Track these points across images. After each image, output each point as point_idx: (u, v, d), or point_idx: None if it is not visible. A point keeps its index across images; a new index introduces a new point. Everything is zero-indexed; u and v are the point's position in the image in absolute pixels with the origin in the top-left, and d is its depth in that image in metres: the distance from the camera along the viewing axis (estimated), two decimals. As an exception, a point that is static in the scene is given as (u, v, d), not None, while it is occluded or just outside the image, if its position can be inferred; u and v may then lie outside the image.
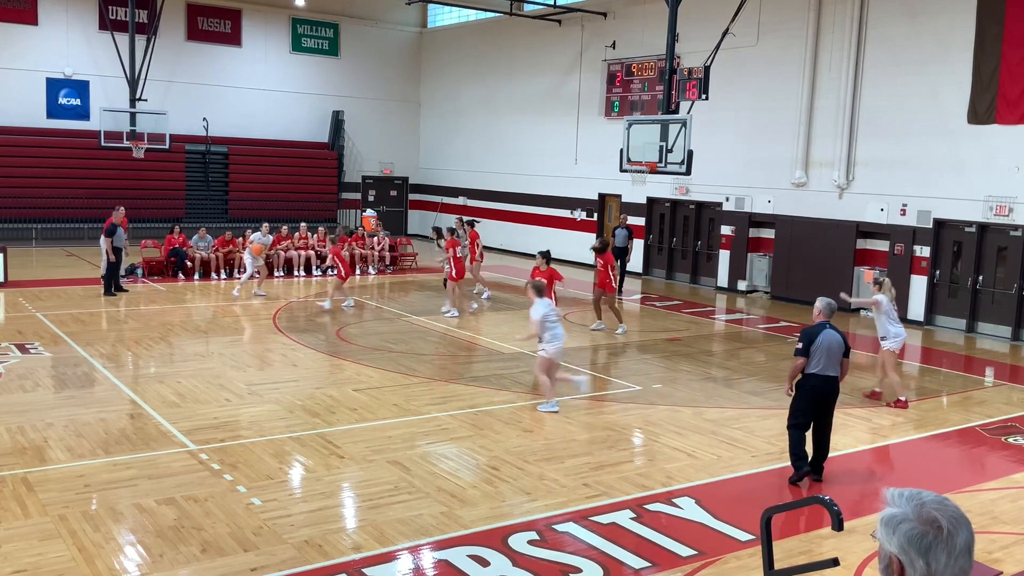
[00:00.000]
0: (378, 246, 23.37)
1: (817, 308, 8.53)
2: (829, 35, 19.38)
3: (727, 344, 15.82)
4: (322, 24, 30.42)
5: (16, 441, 8.68)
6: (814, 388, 8.14)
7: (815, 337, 8.14)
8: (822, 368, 8.11)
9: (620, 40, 24.41)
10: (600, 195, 25.53)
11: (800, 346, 8.17)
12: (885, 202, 18.38)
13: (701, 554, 6.66)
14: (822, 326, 8.25)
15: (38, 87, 26.22)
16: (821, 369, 8.10)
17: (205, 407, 10.12)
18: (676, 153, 16.61)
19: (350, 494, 7.82)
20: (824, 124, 19.54)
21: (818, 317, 8.46)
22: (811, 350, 8.10)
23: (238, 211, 28.42)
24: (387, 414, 10.13)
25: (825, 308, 8.50)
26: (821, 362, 8.09)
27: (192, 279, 20.30)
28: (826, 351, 8.09)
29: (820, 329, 8.19)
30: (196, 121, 27.87)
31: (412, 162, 32.77)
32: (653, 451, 9.22)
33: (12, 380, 10.99)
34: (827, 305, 8.54)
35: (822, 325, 8.27)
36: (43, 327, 14.30)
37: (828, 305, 8.54)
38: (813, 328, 8.25)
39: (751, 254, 21.24)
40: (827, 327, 8.25)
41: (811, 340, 8.13)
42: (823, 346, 8.09)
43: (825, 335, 8.15)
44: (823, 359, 8.10)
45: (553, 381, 10.57)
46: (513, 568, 6.33)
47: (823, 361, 8.10)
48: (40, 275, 19.71)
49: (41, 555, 6.24)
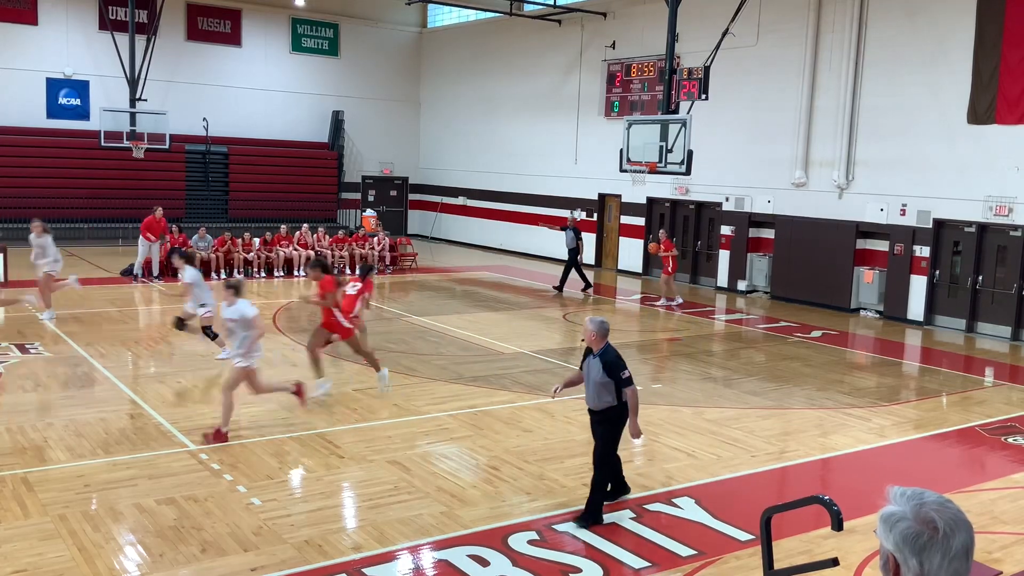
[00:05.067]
0: (378, 246, 23.37)
1: (594, 331, 7.15)
2: (829, 35, 19.38)
3: (727, 344, 15.83)
4: (322, 24, 30.41)
5: (16, 441, 8.68)
6: (623, 410, 7.32)
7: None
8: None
9: (620, 40, 24.41)
10: (600, 195, 25.53)
11: (628, 370, 7.14)
12: (885, 202, 18.38)
13: (701, 554, 6.67)
14: (612, 346, 7.22)
15: (38, 87, 26.21)
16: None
17: (205, 407, 10.12)
18: (676, 153, 16.61)
19: (350, 494, 7.82)
20: (824, 124, 19.54)
21: (600, 340, 7.17)
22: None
23: (238, 211, 28.42)
24: (387, 414, 10.13)
25: (602, 329, 7.19)
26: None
27: (192, 279, 20.25)
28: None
29: (615, 349, 7.23)
30: (196, 121, 27.86)
31: (412, 162, 32.76)
32: (653, 451, 9.22)
33: (12, 380, 10.99)
34: (602, 326, 7.21)
35: (611, 345, 7.22)
36: (43, 327, 14.30)
37: (604, 325, 7.22)
38: (613, 350, 7.15)
39: (751, 254, 21.24)
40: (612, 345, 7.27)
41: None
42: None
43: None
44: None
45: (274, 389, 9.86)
46: (513, 568, 6.34)
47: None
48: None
49: (41, 555, 6.24)
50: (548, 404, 10.76)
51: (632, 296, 20.89)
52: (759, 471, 8.70)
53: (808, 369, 13.39)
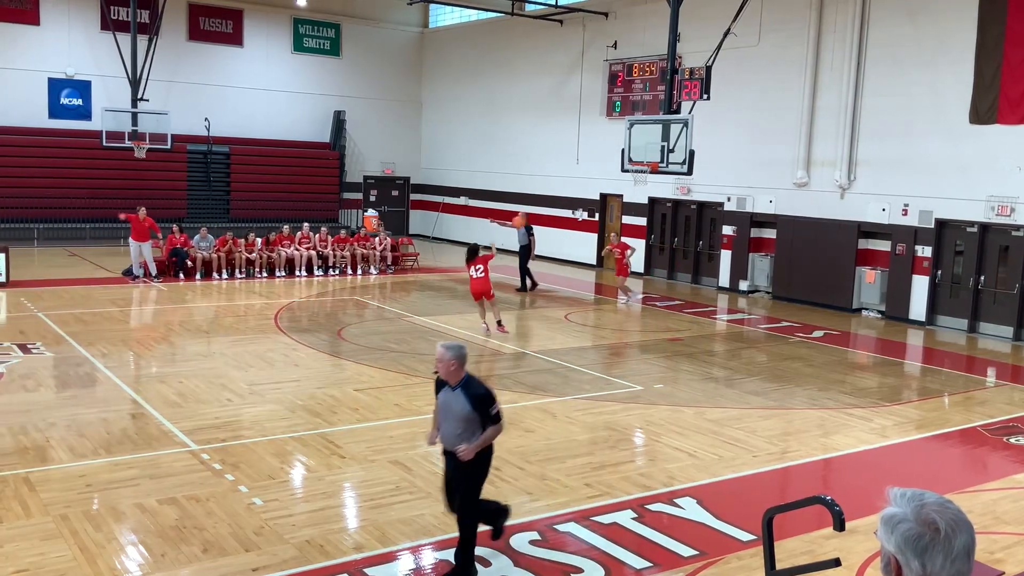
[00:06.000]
0: (380, 246, 23.38)
1: (454, 359, 6.09)
2: (831, 35, 19.37)
3: (729, 344, 15.82)
4: (324, 24, 30.43)
5: (18, 441, 8.69)
6: (490, 453, 6.41)
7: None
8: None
9: (622, 40, 24.40)
10: (602, 195, 25.52)
11: (498, 407, 6.13)
12: (887, 202, 18.37)
13: (703, 554, 6.66)
14: (472, 375, 6.21)
15: (40, 87, 26.23)
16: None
17: (207, 407, 10.13)
18: (678, 153, 16.62)
19: (351, 494, 7.82)
20: (826, 124, 19.53)
21: (459, 369, 6.13)
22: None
23: (240, 211, 28.44)
24: (388, 414, 10.14)
25: (462, 357, 6.15)
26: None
27: (194, 279, 20.31)
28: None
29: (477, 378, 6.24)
30: (198, 121, 27.88)
31: (414, 162, 32.77)
32: (655, 451, 9.21)
33: (14, 380, 11.00)
34: (462, 352, 6.18)
35: (470, 375, 6.20)
36: (45, 327, 14.31)
37: (463, 351, 6.20)
38: (478, 381, 6.17)
39: (753, 254, 21.23)
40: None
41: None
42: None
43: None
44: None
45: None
46: (514, 568, 6.33)
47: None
48: (42, 275, 19.72)
49: (43, 555, 6.24)
50: (550, 404, 10.76)
51: (635, 296, 20.88)
52: (761, 471, 8.69)
53: (810, 369, 13.39)
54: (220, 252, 20.96)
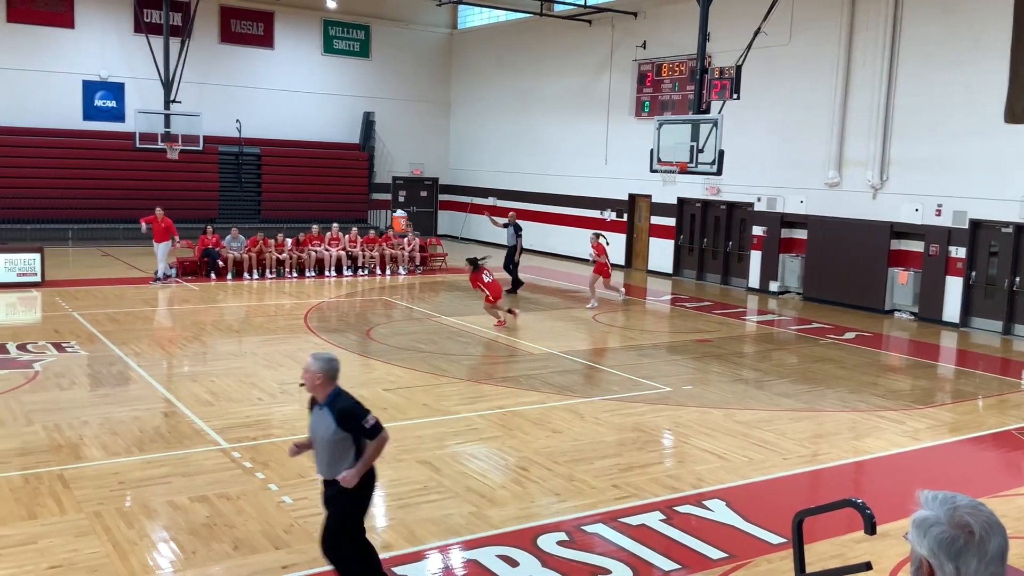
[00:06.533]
0: (408, 247, 23.46)
1: (320, 372, 5.42)
2: (863, 33, 19.17)
3: (758, 345, 15.71)
4: (353, 26, 30.60)
5: (52, 439, 8.82)
6: (373, 472, 5.59)
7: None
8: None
9: (651, 40, 24.32)
10: (630, 195, 25.45)
11: (374, 416, 5.41)
12: (920, 202, 18.15)
13: (731, 557, 6.62)
14: (343, 390, 5.54)
15: (74, 89, 26.61)
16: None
17: (237, 406, 10.22)
18: (707, 153, 16.53)
19: (380, 493, 7.83)
20: (858, 123, 19.33)
21: (326, 384, 5.45)
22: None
23: (270, 212, 28.68)
24: (417, 414, 10.17)
25: (330, 370, 5.47)
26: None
27: (225, 279, 20.50)
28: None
29: (349, 393, 5.55)
30: (229, 122, 28.15)
31: (442, 163, 32.87)
32: (683, 453, 9.17)
33: (49, 378, 11.16)
34: (331, 364, 5.48)
35: (341, 389, 5.54)
36: (79, 326, 14.51)
37: (332, 364, 5.49)
38: (347, 395, 5.47)
39: (783, 255, 21.06)
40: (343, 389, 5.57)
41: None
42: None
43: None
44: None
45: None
46: (542, 569, 6.33)
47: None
48: (76, 275, 19.99)
49: (76, 551, 6.33)
50: (578, 405, 10.74)
51: (662, 297, 20.80)
52: (791, 474, 8.62)
53: (841, 371, 13.26)
54: (251, 252, 21.13)
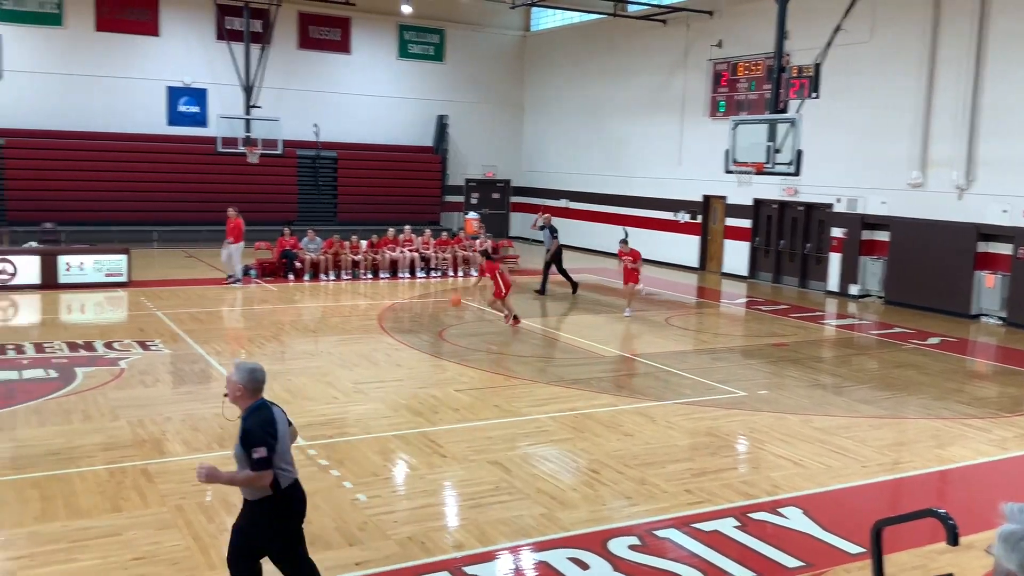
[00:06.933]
0: (480, 248, 23.54)
1: (240, 383, 5.12)
2: (947, 29, 18.58)
3: (837, 350, 15.35)
4: (428, 30, 30.92)
5: (136, 434, 9.10)
6: (299, 500, 5.24)
7: (275, 424, 5.11)
8: (290, 465, 5.20)
9: (726, 39, 23.99)
10: (704, 197, 25.14)
11: (265, 451, 4.93)
12: (1008, 203, 17.50)
13: (808, 566, 6.48)
14: (265, 405, 5.18)
15: (159, 95, 27.47)
16: (290, 467, 5.19)
17: (314, 404, 10.40)
18: (784, 153, 16.22)
19: (452, 493, 7.91)
20: (942, 122, 18.74)
21: (246, 396, 5.15)
22: (277, 447, 5.04)
23: (346, 214, 29.15)
24: (488, 415, 10.21)
25: (251, 381, 5.16)
26: (287, 457, 5.20)
27: (302, 280, 20.90)
28: (285, 439, 5.22)
29: (269, 411, 5.14)
30: (307, 127, 28.71)
31: (515, 165, 32.96)
32: (758, 458, 9.01)
33: (133, 376, 11.53)
34: (252, 376, 5.17)
35: (264, 404, 5.19)
36: (163, 325, 14.96)
37: (254, 375, 5.18)
38: (260, 414, 5.10)
39: (863, 257, 20.54)
40: (267, 404, 5.21)
41: (275, 432, 5.07)
42: (282, 433, 5.19)
43: (278, 415, 5.21)
44: (287, 453, 5.21)
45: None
46: (613, 572, 6.29)
47: (287, 455, 5.21)
48: (161, 275, 20.61)
49: (158, 543, 6.52)
50: (649, 408, 10.65)
51: (737, 300, 20.49)
52: (870, 482, 8.40)
53: (924, 377, 12.87)
54: (327, 254, 21.51)
